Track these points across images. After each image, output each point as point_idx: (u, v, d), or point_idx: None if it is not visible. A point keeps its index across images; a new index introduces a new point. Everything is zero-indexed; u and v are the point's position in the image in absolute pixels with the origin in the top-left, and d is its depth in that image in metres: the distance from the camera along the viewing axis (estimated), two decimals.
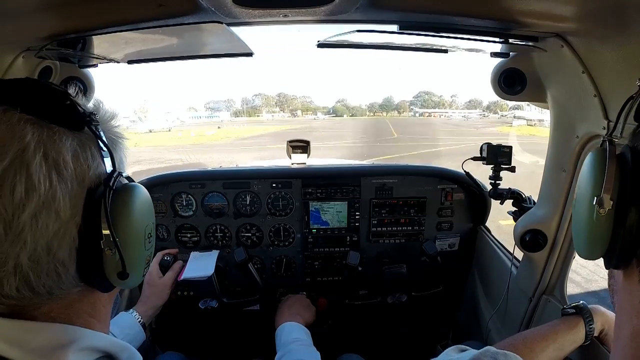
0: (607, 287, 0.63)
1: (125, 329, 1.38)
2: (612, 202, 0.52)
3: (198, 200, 1.96)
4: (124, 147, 0.66)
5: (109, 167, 0.57)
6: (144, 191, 0.62)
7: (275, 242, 2.03)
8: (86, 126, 0.55)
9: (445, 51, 1.32)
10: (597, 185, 0.55)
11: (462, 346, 0.83)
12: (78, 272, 0.54)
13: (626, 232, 0.51)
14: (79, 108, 0.55)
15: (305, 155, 2.09)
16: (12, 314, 0.52)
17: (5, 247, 0.47)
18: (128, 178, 0.62)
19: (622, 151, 0.55)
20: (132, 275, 0.58)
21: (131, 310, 1.47)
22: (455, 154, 17.36)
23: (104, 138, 0.57)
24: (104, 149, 0.57)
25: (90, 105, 0.62)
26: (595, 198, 0.53)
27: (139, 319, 1.44)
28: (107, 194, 0.54)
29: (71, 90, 0.58)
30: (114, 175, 0.56)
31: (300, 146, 2.09)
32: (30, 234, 0.47)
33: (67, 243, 0.51)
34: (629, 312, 0.54)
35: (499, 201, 1.61)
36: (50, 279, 0.51)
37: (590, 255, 0.59)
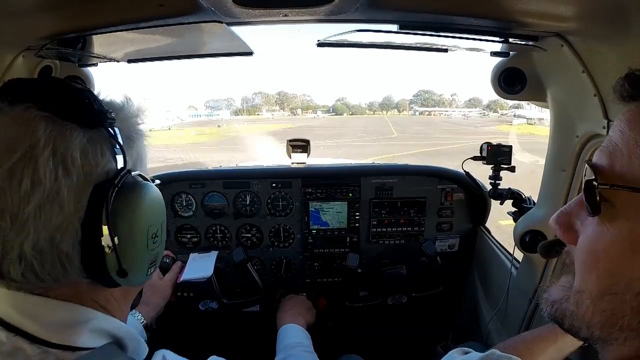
0: None
1: None
2: None
3: (198, 201, 1.96)
4: (143, 144, 0.67)
5: (120, 165, 0.58)
6: (152, 190, 0.61)
7: (275, 243, 2.03)
8: (100, 124, 0.56)
9: (445, 50, 1.32)
10: None
11: (466, 348, 0.83)
12: (82, 265, 0.55)
13: None
14: (95, 106, 0.56)
15: (305, 154, 2.09)
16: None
17: (11, 237, 0.49)
18: (141, 176, 0.61)
19: None
20: (133, 274, 0.58)
21: (133, 311, 1.47)
22: (455, 152, 17.36)
23: (118, 135, 0.58)
24: (117, 146, 0.57)
25: (119, 101, 0.64)
26: None
27: (142, 321, 1.44)
28: (110, 192, 0.54)
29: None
30: (121, 173, 0.56)
31: (300, 145, 2.09)
32: (33, 225, 0.49)
33: (70, 236, 0.52)
34: None
35: (499, 201, 1.61)
36: (54, 268, 0.53)
37: None
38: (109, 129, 0.57)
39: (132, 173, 0.59)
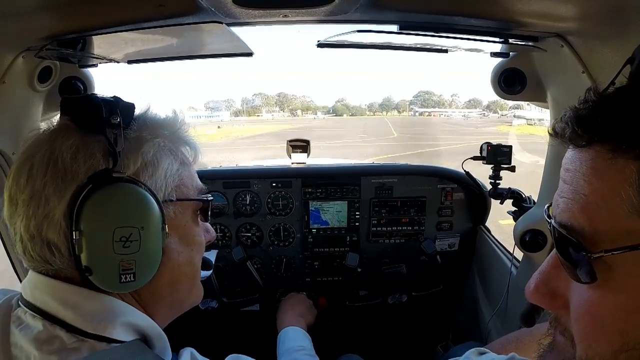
0: None
1: None
2: None
3: None
4: (164, 154, 0.66)
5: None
6: (129, 193, 0.60)
7: (275, 242, 2.03)
8: (95, 129, 0.60)
9: (445, 51, 1.32)
10: None
11: (481, 349, 0.82)
12: (70, 255, 0.58)
13: None
14: (102, 113, 0.60)
15: (305, 154, 2.09)
16: (48, 274, 0.60)
17: (14, 219, 0.59)
18: (130, 179, 0.60)
19: None
20: (98, 274, 0.58)
21: None
22: (455, 153, 17.35)
23: (119, 140, 0.60)
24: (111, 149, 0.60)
25: (158, 114, 0.70)
26: None
27: None
28: (84, 189, 0.58)
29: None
30: (100, 174, 0.59)
31: (300, 145, 2.09)
32: (25, 213, 0.58)
33: (54, 227, 0.57)
34: None
35: (499, 201, 1.61)
36: (43, 252, 0.58)
37: None
38: (107, 134, 0.60)
39: (116, 174, 0.59)
